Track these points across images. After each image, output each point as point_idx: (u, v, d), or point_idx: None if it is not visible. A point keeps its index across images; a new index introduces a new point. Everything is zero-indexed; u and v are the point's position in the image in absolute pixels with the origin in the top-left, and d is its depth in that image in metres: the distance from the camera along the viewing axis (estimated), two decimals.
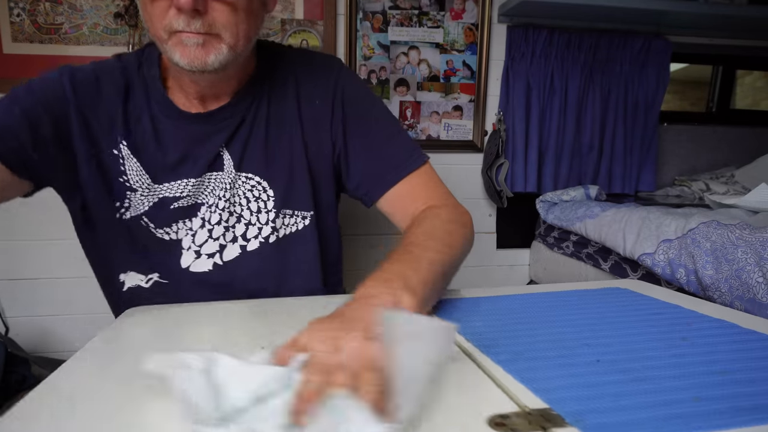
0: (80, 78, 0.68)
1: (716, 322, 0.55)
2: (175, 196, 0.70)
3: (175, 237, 0.70)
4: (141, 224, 0.70)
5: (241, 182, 0.71)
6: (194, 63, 0.60)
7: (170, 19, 0.58)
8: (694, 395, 0.37)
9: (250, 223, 0.72)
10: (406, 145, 0.76)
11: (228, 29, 0.60)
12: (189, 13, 0.56)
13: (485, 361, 0.44)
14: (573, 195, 1.66)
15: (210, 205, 0.70)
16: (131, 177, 0.69)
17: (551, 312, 0.59)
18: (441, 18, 1.67)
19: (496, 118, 1.73)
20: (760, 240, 0.94)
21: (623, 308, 0.61)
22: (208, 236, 0.71)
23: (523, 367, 0.43)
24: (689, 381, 0.40)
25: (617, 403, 0.36)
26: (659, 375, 0.41)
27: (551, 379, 0.40)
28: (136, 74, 0.70)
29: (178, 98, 0.70)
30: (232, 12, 0.59)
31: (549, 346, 0.47)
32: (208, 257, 0.71)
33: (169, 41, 0.59)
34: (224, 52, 0.60)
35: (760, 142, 1.97)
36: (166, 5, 0.57)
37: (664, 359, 0.44)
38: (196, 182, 0.70)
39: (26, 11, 1.44)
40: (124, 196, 0.69)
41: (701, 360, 0.44)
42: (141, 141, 0.69)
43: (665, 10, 1.59)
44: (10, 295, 1.53)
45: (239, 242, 0.72)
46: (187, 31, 0.58)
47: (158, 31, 0.59)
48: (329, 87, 0.75)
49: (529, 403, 0.36)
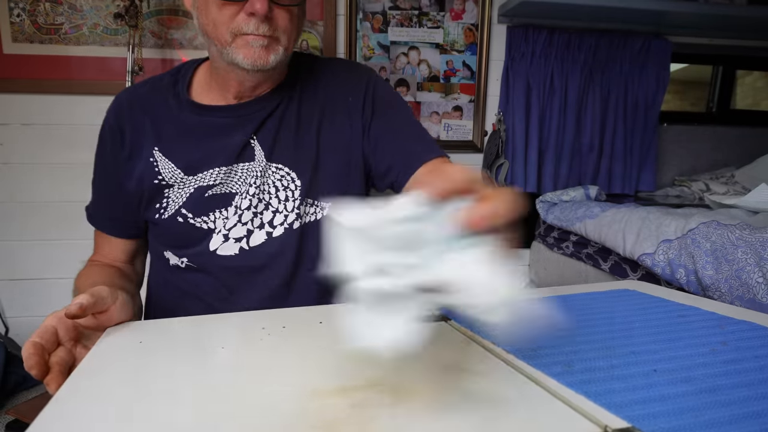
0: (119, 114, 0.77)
1: (745, 324, 0.55)
2: (208, 184, 0.74)
3: (213, 226, 0.75)
4: (178, 220, 0.74)
5: (272, 172, 0.76)
6: (257, 63, 0.67)
7: (239, 23, 0.65)
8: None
9: (278, 210, 0.76)
10: (431, 139, 0.82)
11: (286, 33, 0.68)
12: (260, 18, 0.64)
13: (540, 376, 0.42)
14: (573, 195, 1.66)
15: (241, 193, 0.75)
16: (165, 175, 0.74)
17: (570, 316, 0.58)
18: (441, 18, 1.67)
19: (496, 118, 1.73)
20: (760, 240, 0.93)
21: (644, 311, 0.60)
22: (238, 221, 0.75)
23: (581, 380, 0.40)
24: (757, 390, 0.39)
25: (699, 419, 0.34)
26: (724, 384, 0.40)
27: (618, 392, 0.38)
28: (169, 86, 0.78)
29: (206, 98, 0.77)
30: (290, 18, 0.68)
31: (594, 355, 0.46)
32: (235, 241, 0.75)
33: (234, 43, 0.67)
34: (281, 53, 0.69)
35: (760, 142, 1.97)
36: (236, 10, 0.65)
37: (717, 366, 0.43)
38: (227, 170, 0.74)
39: (26, 11, 1.44)
40: (162, 195, 0.75)
41: (753, 366, 0.43)
42: (171, 142, 0.75)
43: (665, 10, 1.59)
44: (10, 295, 1.53)
45: (266, 228, 0.76)
46: (255, 34, 0.65)
47: (223, 34, 0.66)
48: (362, 84, 0.80)
49: (609, 422, 0.34)
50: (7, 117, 1.48)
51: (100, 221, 0.80)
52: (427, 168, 0.76)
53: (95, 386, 0.41)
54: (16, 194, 1.51)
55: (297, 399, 0.38)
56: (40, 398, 1.29)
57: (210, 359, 0.47)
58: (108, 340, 0.52)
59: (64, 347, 0.51)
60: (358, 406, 0.36)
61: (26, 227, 1.52)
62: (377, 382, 0.40)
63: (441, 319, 0.58)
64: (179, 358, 0.47)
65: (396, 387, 0.40)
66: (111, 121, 0.77)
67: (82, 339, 0.55)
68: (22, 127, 1.49)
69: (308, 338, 0.52)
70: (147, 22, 1.48)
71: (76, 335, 0.53)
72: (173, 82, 0.79)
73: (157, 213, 0.75)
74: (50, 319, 0.52)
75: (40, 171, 1.51)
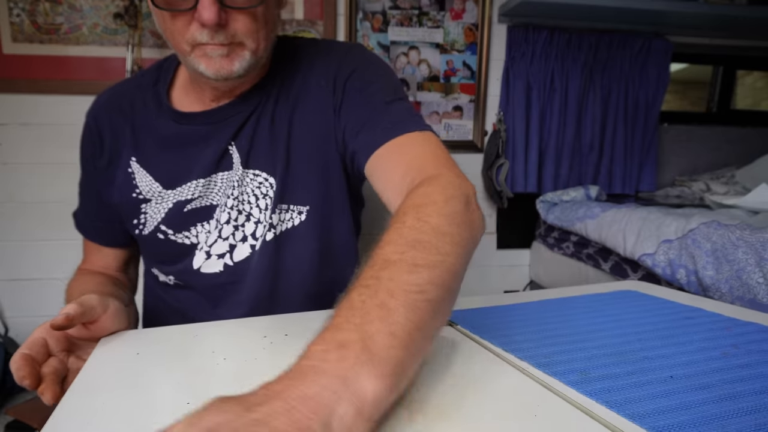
0: (97, 117, 0.73)
1: (752, 326, 0.55)
2: (186, 198, 0.69)
3: (195, 240, 0.71)
4: (158, 237, 0.71)
5: (249, 179, 0.70)
6: (220, 72, 0.61)
7: (193, 33, 0.59)
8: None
9: (259, 221, 0.70)
10: (407, 111, 0.67)
11: (250, 36, 0.61)
12: (212, 27, 0.58)
13: (557, 385, 0.41)
14: (573, 195, 1.66)
15: (221, 205, 0.70)
16: (143, 188, 0.70)
17: (579, 319, 0.58)
18: (441, 18, 1.67)
19: (496, 118, 1.73)
20: (760, 240, 0.93)
21: (650, 313, 0.60)
22: (218, 236, 0.70)
23: (600, 389, 0.40)
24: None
25: (726, 429, 0.34)
26: (743, 391, 0.39)
27: (639, 401, 0.38)
28: (150, 90, 0.72)
29: (185, 101, 0.71)
30: (252, 20, 0.60)
31: (609, 361, 0.45)
32: (218, 258, 0.70)
33: (193, 53, 0.61)
34: (247, 58, 0.62)
35: (761, 142, 1.97)
36: (188, 20, 0.58)
37: (732, 371, 0.43)
38: (206, 182, 0.69)
39: (26, 11, 1.44)
40: (139, 211, 0.70)
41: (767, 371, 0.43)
42: (149, 152, 0.70)
43: (665, 10, 1.59)
44: (10, 295, 1.53)
45: (249, 241, 0.71)
46: (211, 44, 0.59)
47: (181, 44, 0.60)
48: (334, 63, 0.70)
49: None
50: (6, 117, 1.48)
51: (87, 229, 0.77)
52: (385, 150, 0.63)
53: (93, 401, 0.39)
54: (16, 194, 1.51)
55: None
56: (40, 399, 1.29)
57: (211, 370, 0.45)
58: (103, 352, 0.50)
59: (56, 357, 0.50)
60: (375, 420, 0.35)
61: (26, 227, 1.52)
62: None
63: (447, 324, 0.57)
64: (178, 369, 0.46)
65: (410, 398, 0.39)
66: (91, 124, 0.72)
67: (75, 350, 0.53)
68: (21, 127, 1.49)
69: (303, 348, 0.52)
70: (147, 22, 1.48)
71: (68, 345, 0.52)
72: (155, 80, 0.73)
73: (136, 229, 0.71)
74: (39, 330, 0.51)
75: (39, 171, 1.51)
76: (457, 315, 0.60)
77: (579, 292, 0.70)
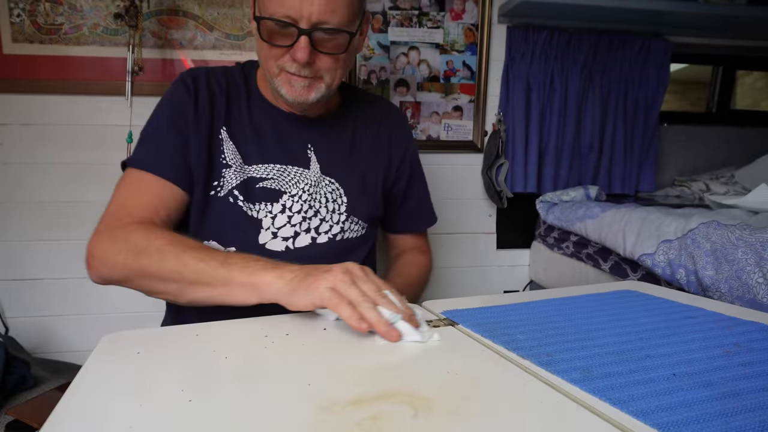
0: (197, 79, 0.80)
1: (753, 325, 0.55)
2: (261, 176, 0.80)
3: (256, 216, 0.79)
4: (230, 201, 0.78)
5: (324, 184, 0.83)
6: (298, 99, 0.74)
7: (284, 62, 0.72)
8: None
9: (324, 219, 0.82)
10: (430, 205, 1.03)
11: (329, 73, 0.74)
12: (302, 64, 0.70)
13: (560, 383, 0.41)
14: (573, 195, 1.66)
15: (292, 195, 0.81)
16: (228, 156, 0.79)
17: (579, 318, 0.58)
18: (441, 18, 1.67)
19: (496, 118, 1.73)
20: (760, 240, 0.93)
21: (651, 312, 0.60)
22: (287, 222, 0.80)
23: (603, 387, 0.40)
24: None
25: (730, 425, 0.34)
26: (745, 388, 0.40)
27: (642, 399, 0.38)
28: (240, 78, 0.84)
29: (272, 100, 0.83)
30: (333, 60, 0.73)
31: (611, 359, 0.46)
32: (283, 240, 0.80)
33: (279, 76, 0.74)
34: (322, 90, 0.75)
35: (761, 142, 1.97)
36: (283, 51, 0.71)
37: (734, 369, 0.43)
38: (281, 169, 0.81)
39: (26, 12, 1.44)
40: (221, 175, 0.78)
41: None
42: (238, 128, 0.80)
43: (665, 11, 1.59)
44: (10, 295, 1.53)
45: (311, 234, 0.82)
46: (297, 75, 0.72)
47: (271, 67, 0.74)
48: (405, 136, 0.95)
49: (639, 430, 0.34)
50: (6, 117, 1.48)
51: (160, 165, 0.74)
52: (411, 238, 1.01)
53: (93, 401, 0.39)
54: (16, 194, 1.51)
55: (313, 412, 0.37)
56: (40, 398, 1.29)
57: (212, 369, 0.45)
58: (103, 351, 0.50)
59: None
60: (379, 419, 0.35)
61: (26, 227, 1.52)
62: (393, 392, 0.40)
63: (449, 324, 0.57)
64: (179, 368, 0.46)
65: (413, 397, 0.39)
66: (188, 82, 0.79)
67: None
68: (21, 127, 1.49)
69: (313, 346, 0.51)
70: (147, 22, 1.48)
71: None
72: (244, 75, 0.84)
73: (213, 190, 0.78)
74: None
75: (39, 171, 1.51)
76: (457, 314, 0.60)
77: (579, 292, 0.70)
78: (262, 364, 0.46)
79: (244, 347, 0.50)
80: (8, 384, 1.31)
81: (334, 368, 0.45)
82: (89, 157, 1.51)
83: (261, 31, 0.70)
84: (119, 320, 1.55)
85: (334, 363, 0.47)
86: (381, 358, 0.47)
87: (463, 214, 1.81)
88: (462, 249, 1.83)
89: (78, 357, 1.55)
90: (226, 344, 0.51)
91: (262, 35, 0.71)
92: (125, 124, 1.42)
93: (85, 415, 0.37)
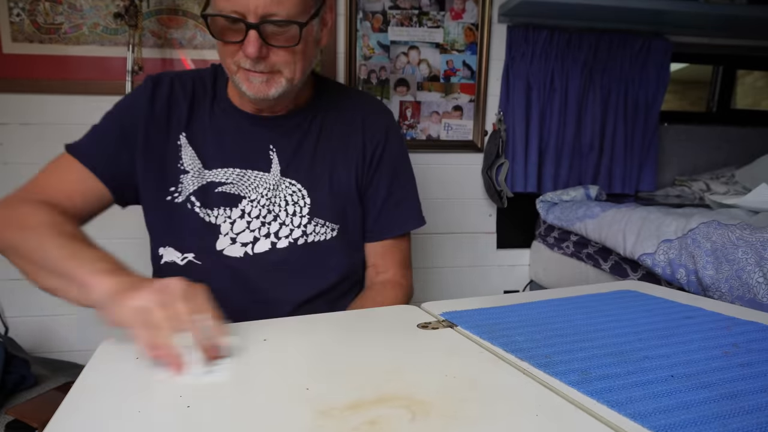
0: (158, 84, 0.80)
1: (752, 325, 0.55)
2: (220, 181, 0.79)
3: (214, 221, 0.78)
4: (187, 207, 0.78)
5: (284, 186, 0.80)
6: (258, 95, 0.72)
7: (239, 59, 0.70)
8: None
9: (284, 223, 0.80)
10: (416, 206, 0.91)
11: (287, 66, 0.71)
12: (254, 59, 0.68)
13: (558, 385, 0.41)
14: (573, 195, 1.66)
15: (252, 200, 0.79)
16: (185, 162, 0.78)
17: (579, 319, 0.58)
18: (441, 18, 1.67)
19: (496, 118, 1.73)
20: (760, 240, 0.93)
21: (650, 313, 0.60)
22: (246, 227, 0.79)
23: (600, 389, 0.40)
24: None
25: (728, 427, 0.34)
26: (744, 389, 0.39)
27: (640, 401, 0.38)
28: (209, 82, 0.82)
29: (236, 101, 0.81)
30: (290, 53, 0.70)
31: (609, 361, 0.45)
32: (242, 245, 0.79)
33: (238, 73, 0.72)
34: (283, 85, 0.72)
35: (761, 142, 1.97)
36: (237, 47, 0.69)
37: (733, 370, 0.43)
38: (240, 173, 0.79)
39: (26, 11, 1.44)
40: (178, 181, 0.78)
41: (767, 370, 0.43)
42: (198, 133, 0.79)
43: (665, 10, 1.59)
44: (10, 295, 1.53)
45: (271, 239, 0.80)
46: (253, 71, 0.70)
47: (229, 65, 0.72)
48: (381, 128, 0.86)
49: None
50: (6, 117, 1.48)
51: (89, 154, 0.76)
52: (389, 259, 0.88)
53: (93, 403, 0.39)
54: None
55: (311, 416, 0.36)
56: (40, 398, 1.29)
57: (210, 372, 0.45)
58: (103, 354, 0.50)
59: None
60: (377, 423, 0.35)
61: None
62: (391, 396, 0.39)
63: (447, 326, 0.57)
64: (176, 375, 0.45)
65: (411, 401, 0.39)
66: (149, 86, 0.79)
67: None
68: (21, 127, 1.49)
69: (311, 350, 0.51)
70: (147, 21, 1.48)
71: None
72: (214, 75, 0.83)
73: (170, 195, 0.78)
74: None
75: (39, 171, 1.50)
76: (456, 316, 0.60)
77: (579, 292, 0.70)
78: (260, 368, 0.46)
79: (242, 351, 0.50)
80: (8, 383, 1.31)
81: (332, 372, 0.45)
82: None
83: (212, 29, 0.69)
84: None
85: (332, 367, 0.46)
86: (379, 362, 0.47)
87: (463, 213, 1.81)
88: (462, 249, 1.83)
89: (78, 356, 1.55)
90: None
91: (213, 33, 0.69)
92: None
93: (84, 420, 0.37)
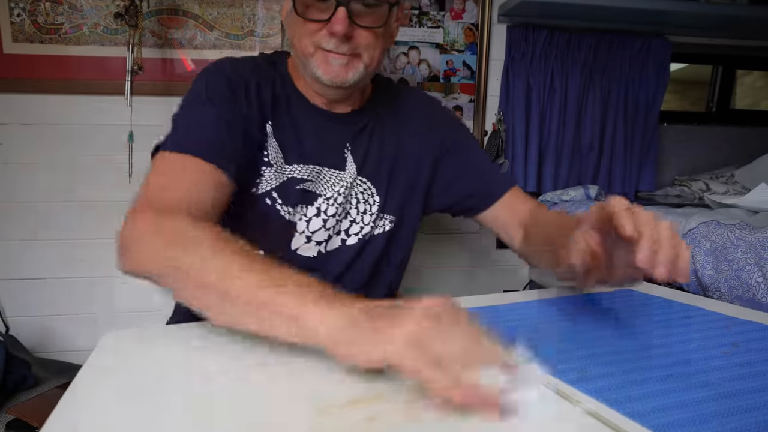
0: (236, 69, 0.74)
1: (752, 325, 0.55)
2: (300, 177, 0.76)
3: (292, 219, 0.75)
4: (266, 202, 0.74)
5: (357, 184, 0.80)
6: (335, 79, 0.69)
7: (320, 38, 0.67)
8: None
9: (354, 221, 0.80)
10: (500, 170, 0.92)
11: (368, 50, 0.69)
12: (340, 38, 0.66)
13: (556, 383, 0.41)
14: (573, 195, 1.66)
15: (327, 198, 0.77)
16: (270, 153, 0.75)
17: (578, 319, 0.58)
18: (441, 18, 1.67)
19: (496, 118, 1.73)
20: (759, 240, 0.93)
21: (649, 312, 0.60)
22: (322, 225, 0.77)
23: (599, 387, 0.40)
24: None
25: (726, 426, 0.34)
26: (742, 389, 0.40)
27: (638, 400, 0.38)
28: (275, 70, 0.78)
29: (308, 95, 0.78)
30: (373, 36, 0.69)
31: (608, 360, 0.46)
32: (316, 244, 0.77)
33: (315, 56, 0.69)
34: (361, 71, 0.70)
35: (760, 142, 1.97)
36: (319, 26, 0.66)
37: (732, 369, 0.43)
38: (318, 170, 0.76)
39: (26, 11, 1.44)
40: (260, 173, 0.74)
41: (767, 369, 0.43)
42: (281, 125, 0.76)
43: (665, 10, 1.59)
44: (10, 295, 1.53)
45: (341, 236, 0.79)
46: (335, 52, 0.67)
47: (307, 46, 0.69)
48: (441, 125, 0.87)
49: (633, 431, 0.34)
50: (7, 117, 1.48)
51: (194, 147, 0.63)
52: (510, 197, 0.85)
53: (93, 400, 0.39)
54: (16, 194, 1.51)
55: (310, 413, 0.37)
56: (41, 397, 1.29)
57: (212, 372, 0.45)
58: (104, 351, 0.50)
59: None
60: (376, 420, 0.36)
61: (26, 227, 1.52)
62: (389, 394, 0.40)
63: None
64: (180, 369, 0.46)
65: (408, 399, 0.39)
66: (228, 71, 0.72)
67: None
68: (21, 127, 1.49)
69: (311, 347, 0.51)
70: (147, 21, 1.48)
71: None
72: (273, 68, 0.77)
73: (253, 186, 0.73)
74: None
75: (39, 171, 1.51)
76: None
77: None
78: (261, 364, 0.46)
79: (243, 348, 0.50)
80: (9, 383, 1.31)
81: (331, 369, 0.45)
82: (89, 157, 1.51)
83: (296, 6, 0.66)
84: (120, 319, 1.55)
85: (331, 364, 0.46)
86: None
87: None
88: (462, 248, 1.83)
89: (78, 356, 1.55)
90: (225, 345, 0.51)
91: (298, 10, 0.66)
92: (125, 123, 1.42)
93: (85, 414, 0.37)
